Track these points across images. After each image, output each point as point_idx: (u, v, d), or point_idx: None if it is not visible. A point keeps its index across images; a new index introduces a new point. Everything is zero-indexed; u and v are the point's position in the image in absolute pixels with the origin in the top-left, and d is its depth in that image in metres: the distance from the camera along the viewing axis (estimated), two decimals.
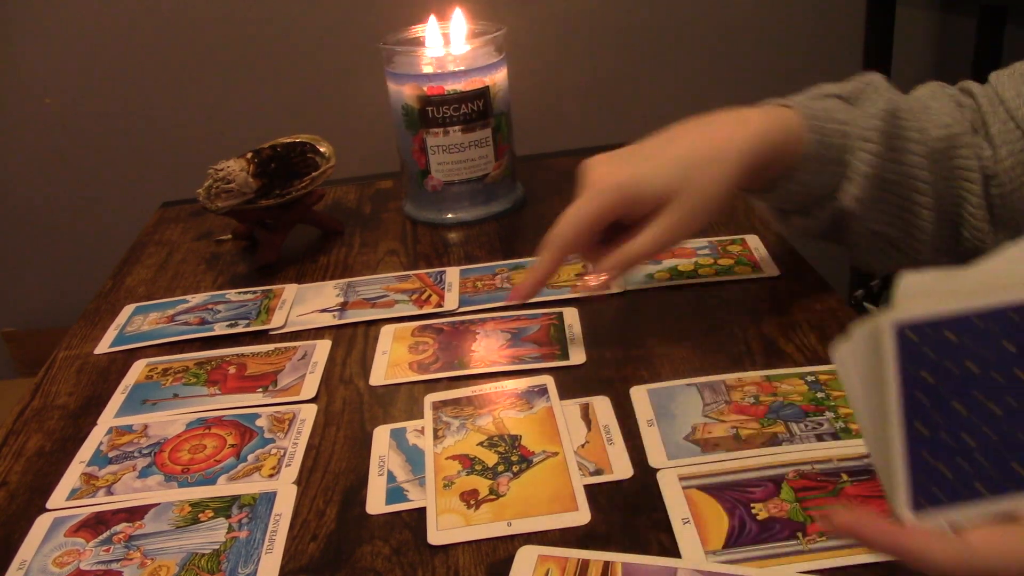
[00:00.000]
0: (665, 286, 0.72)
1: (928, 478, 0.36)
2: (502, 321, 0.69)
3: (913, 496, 0.36)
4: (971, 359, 0.35)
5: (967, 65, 1.89)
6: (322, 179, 0.85)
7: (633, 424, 0.55)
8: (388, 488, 0.52)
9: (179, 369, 0.67)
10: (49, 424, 0.63)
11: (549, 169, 1.02)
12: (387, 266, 0.82)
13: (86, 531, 0.51)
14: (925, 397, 0.35)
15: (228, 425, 0.60)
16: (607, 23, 1.82)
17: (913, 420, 0.35)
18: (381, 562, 0.47)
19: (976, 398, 0.35)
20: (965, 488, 0.36)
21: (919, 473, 0.36)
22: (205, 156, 0.89)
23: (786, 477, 0.49)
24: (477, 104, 0.85)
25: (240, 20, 1.74)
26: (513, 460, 0.53)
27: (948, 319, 0.34)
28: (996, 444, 0.35)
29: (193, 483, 0.54)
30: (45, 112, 1.78)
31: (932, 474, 0.36)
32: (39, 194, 1.85)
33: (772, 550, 0.44)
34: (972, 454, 0.36)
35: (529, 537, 0.47)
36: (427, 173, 0.87)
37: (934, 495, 0.36)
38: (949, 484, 0.36)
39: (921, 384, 0.35)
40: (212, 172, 0.79)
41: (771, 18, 1.85)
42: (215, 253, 0.89)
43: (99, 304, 0.80)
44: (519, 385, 0.61)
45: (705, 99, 1.98)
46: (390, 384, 0.63)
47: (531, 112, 1.54)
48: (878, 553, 0.36)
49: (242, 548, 0.49)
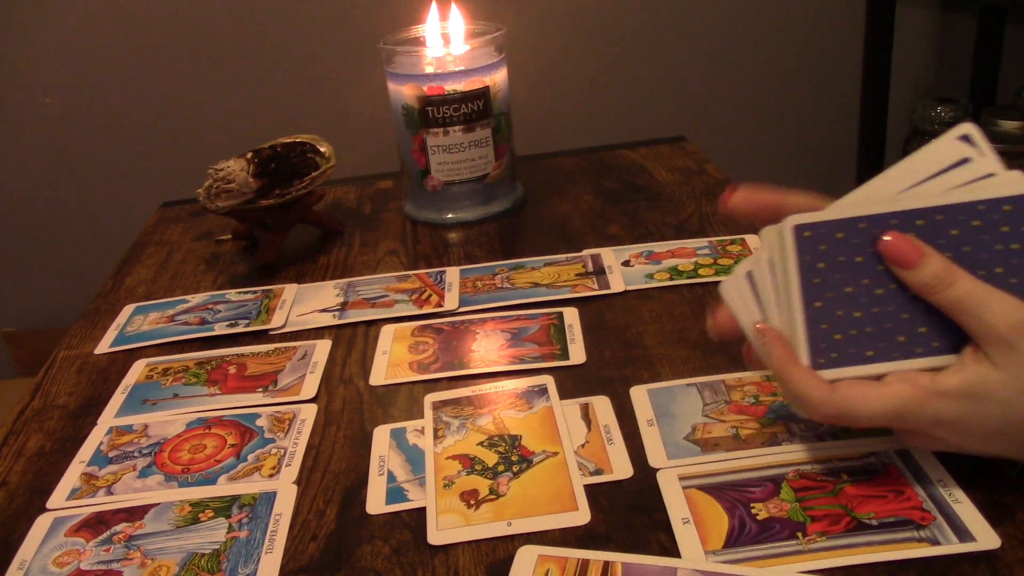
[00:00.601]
0: (665, 286, 0.72)
1: (826, 345, 0.45)
2: (502, 321, 0.69)
3: (812, 358, 0.45)
4: (859, 253, 0.44)
5: (967, 65, 1.89)
6: (322, 179, 0.85)
7: (633, 424, 0.55)
8: (388, 488, 0.52)
9: (179, 369, 0.67)
10: (49, 424, 0.63)
11: (549, 169, 1.02)
12: (387, 266, 0.82)
13: (86, 531, 0.51)
14: (820, 281, 0.44)
15: (228, 425, 0.60)
16: (607, 23, 1.82)
17: (811, 299, 0.44)
18: (381, 562, 0.47)
19: (864, 284, 0.44)
20: (858, 355, 0.45)
21: (817, 341, 0.45)
22: (205, 156, 0.90)
23: (786, 477, 0.49)
24: (477, 104, 0.85)
25: (240, 20, 1.74)
26: (513, 460, 0.53)
27: (838, 222, 0.44)
28: (884, 320, 0.44)
29: (193, 483, 0.54)
30: (45, 112, 1.78)
31: (829, 342, 0.45)
32: (39, 194, 1.85)
33: (772, 550, 0.44)
34: (864, 327, 0.44)
35: (529, 537, 0.47)
36: (427, 173, 0.87)
37: (831, 358, 0.45)
38: (844, 351, 0.45)
39: (816, 271, 0.44)
40: (212, 172, 0.79)
41: (771, 18, 1.85)
42: (215, 253, 0.89)
43: (99, 304, 0.80)
44: (519, 385, 0.61)
45: (705, 99, 1.99)
46: (390, 384, 0.63)
47: (531, 112, 1.54)
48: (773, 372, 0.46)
49: (242, 548, 0.49)
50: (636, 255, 0.78)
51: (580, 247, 0.81)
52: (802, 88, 1.91)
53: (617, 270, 0.75)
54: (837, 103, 1.93)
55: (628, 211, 0.88)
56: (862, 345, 0.44)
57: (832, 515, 0.46)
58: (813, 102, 1.93)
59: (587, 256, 0.79)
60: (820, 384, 0.44)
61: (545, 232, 0.86)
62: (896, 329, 0.44)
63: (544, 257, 0.79)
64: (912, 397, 0.42)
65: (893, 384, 0.43)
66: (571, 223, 0.87)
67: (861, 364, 0.44)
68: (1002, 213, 0.42)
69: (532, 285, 0.74)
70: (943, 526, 0.44)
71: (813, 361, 0.45)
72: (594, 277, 0.75)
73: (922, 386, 0.42)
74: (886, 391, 0.43)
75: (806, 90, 1.91)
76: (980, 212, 0.43)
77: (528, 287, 0.74)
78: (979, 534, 0.43)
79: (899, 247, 0.43)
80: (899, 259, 0.43)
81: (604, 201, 0.91)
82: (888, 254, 0.43)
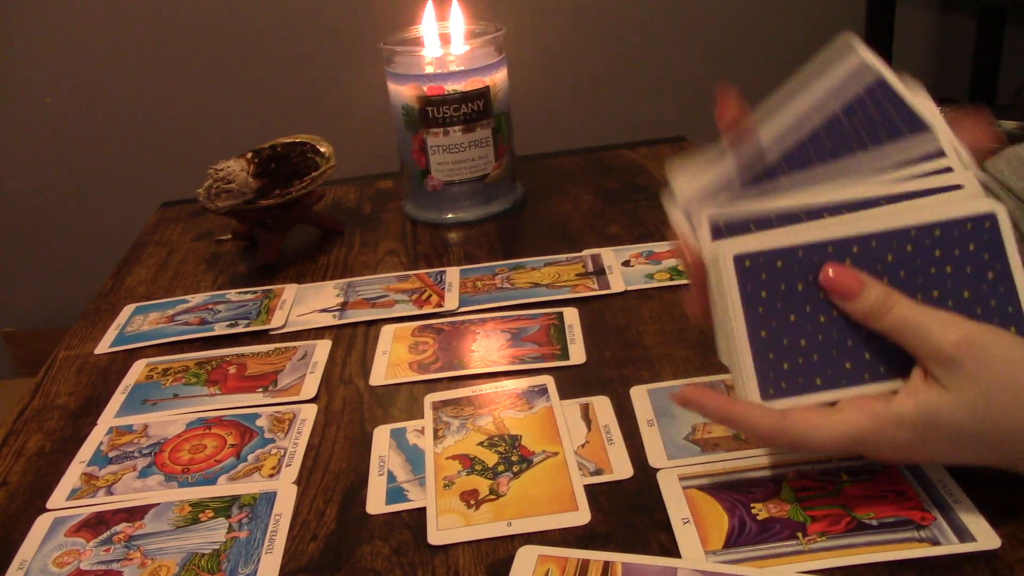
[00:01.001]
0: (665, 286, 0.72)
1: (774, 375, 0.44)
2: (502, 321, 0.69)
3: (761, 389, 0.44)
4: (800, 280, 0.44)
5: (967, 65, 1.89)
6: (322, 179, 0.85)
7: (633, 424, 0.55)
8: (388, 488, 0.52)
9: (179, 369, 0.67)
10: (49, 424, 0.63)
11: (549, 169, 1.02)
12: (387, 266, 0.82)
13: (86, 531, 0.51)
14: (764, 310, 0.44)
15: (228, 425, 0.60)
16: (607, 23, 1.82)
17: (756, 328, 0.44)
18: (381, 562, 0.47)
19: (807, 311, 0.44)
20: (807, 382, 0.44)
21: (764, 371, 0.44)
22: (205, 156, 0.89)
23: (786, 477, 0.49)
24: (477, 104, 0.85)
25: (240, 20, 1.74)
26: (513, 460, 0.53)
27: (777, 250, 0.43)
28: (830, 347, 0.44)
29: (193, 483, 0.54)
30: (45, 112, 1.78)
31: (777, 371, 0.44)
32: (39, 194, 1.85)
33: (772, 550, 0.44)
34: (811, 355, 0.44)
35: (529, 537, 0.47)
36: (427, 173, 0.87)
37: (780, 388, 0.44)
38: (792, 379, 0.44)
39: (759, 300, 0.44)
40: (212, 172, 0.79)
41: (771, 18, 1.85)
42: (215, 253, 0.89)
43: (99, 304, 0.80)
44: (519, 385, 0.61)
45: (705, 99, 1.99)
46: (390, 384, 0.63)
47: (531, 112, 1.54)
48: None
49: (242, 548, 0.49)
50: (636, 255, 0.78)
51: (580, 247, 0.81)
52: None
53: (617, 270, 0.75)
54: None
55: (628, 211, 0.88)
56: (810, 373, 0.44)
57: (832, 515, 0.46)
58: None
59: (587, 256, 0.79)
60: (767, 415, 0.43)
61: (545, 232, 0.86)
62: (842, 356, 0.44)
63: (544, 257, 0.79)
64: (867, 426, 0.42)
65: (847, 411, 0.43)
66: (571, 223, 0.87)
67: (810, 392, 0.44)
68: (933, 238, 0.43)
69: (532, 285, 0.74)
70: (943, 526, 0.44)
71: (763, 392, 0.44)
72: (594, 277, 0.75)
73: (877, 414, 0.42)
74: (839, 419, 0.42)
75: None
76: (912, 238, 0.43)
77: (528, 287, 0.74)
78: (979, 534, 0.43)
79: (839, 280, 0.43)
80: (840, 291, 0.43)
81: (604, 201, 0.91)
82: (829, 287, 0.43)
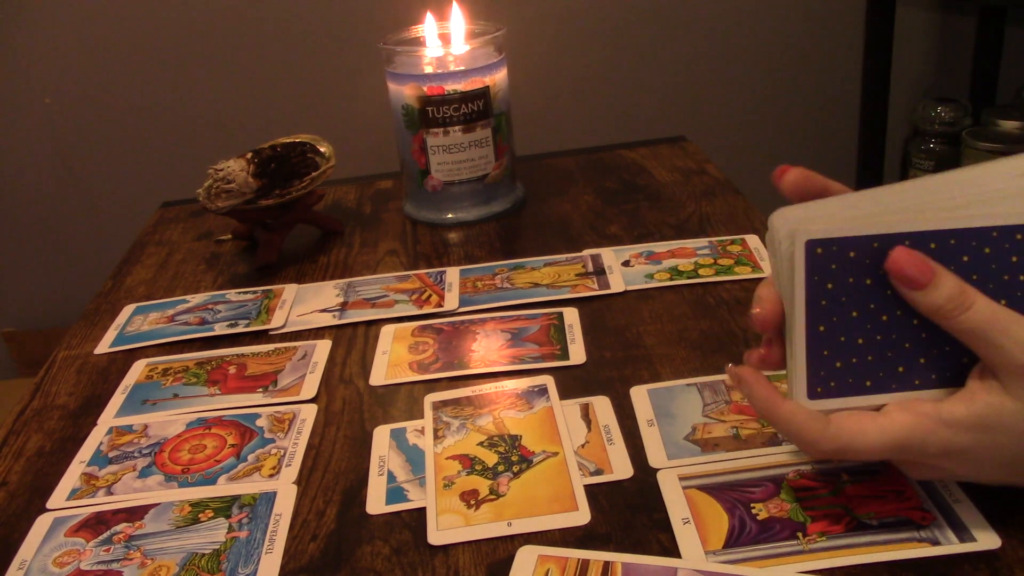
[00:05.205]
0: (665, 286, 0.72)
1: (825, 373, 0.42)
2: (502, 321, 0.69)
3: (809, 386, 0.42)
4: (869, 275, 0.41)
5: (967, 65, 1.89)
6: (322, 179, 0.85)
7: (633, 424, 0.55)
8: (388, 488, 0.52)
9: (179, 369, 0.67)
10: (49, 424, 0.63)
11: (549, 169, 1.02)
12: (387, 266, 0.82)
13: (86, 531, 0.51)
14: (827, 303, 0.41)
15: (228, 425, 0.60)
16: (607, 23, 1.82)
17: (815, 322, 0.41)
18: (381, 562, 0.47)
19: (871, 309, 0.41)
20: (857, 383, 0.42)
21: (816, 368, 0.42)
22: (205, 156, 0.89)
23: (786, 477, 0.49)
24: (477, 104, 0.85)
25: (240, 20, 1.74)
26: (513, 460, 0.53)
27: (851, 239, 0.40)
28: (886, 348, 0.42)
29: (193, 483, 0.54)
30: (45, 112, 1.78)
31: (829, 369, 0.42)
32: (39, 194, 1.85)
33: (772, 550, 0.44)
34: (865, 356, 0.42)
35: (529, 537, 0.47)
36: (427, 173, 0.87)
37: (829, 387, 0.42)
38: (842, 379, 0.42)
39: (824, 292, 0.41)
40: (212, 172, 0.79)
41: (771, 18, 1.85)
42: (215, 253, 0.89)
43: (99, 304, 0.80)
44: (519, 385, 0.61)
45: (705, 99, 1.98)
46: (390, 384, 0.63)
47: (531, 112, 1.54)
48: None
49: (242, 548, 0.49)
50: (636, 255, 0.78)
51: (580, 247, 0.81)
52: (802, 88, 1.91)
53: (617, 270, 0.75)
54: (837, 103, 1.93)
55: (628, 211, 0.88)
56: (861, 374, 0.42)
57: (832, 515, 0.46)
58: (813, 102, 1.93)
59: (587, 256, 0.79)
60: (812, 419, 0.41)
61: (545, 232, 0.86)
62: (897, 358, 0.42)
63: (544, 257, 0.79)
64: (917, 426, 0.40)
65: (894, 413, 0.41)
66: (571, 223, 0.87)
67: (859, 395, 0.42)
68: (1014, 241, 0.40)
69: (532, 285, 0.74)
70: (943, 526, 0.44)
71: (810, 390, 0.42)
72: (594, 277, 0.75)
73: (927, 415, 0.40)
74: (887, 421, 0.41)
75: (806, 90, 1.91)
76: (992, 239, 0.40)
77: (528, 287, 0.74)
78: (979, 534, 0.43)
79: (910, 264, 0.40)
80: (909, 278, 0.40)
81: (604, 201, 0.91)
82: (896, 272, 0.40)
